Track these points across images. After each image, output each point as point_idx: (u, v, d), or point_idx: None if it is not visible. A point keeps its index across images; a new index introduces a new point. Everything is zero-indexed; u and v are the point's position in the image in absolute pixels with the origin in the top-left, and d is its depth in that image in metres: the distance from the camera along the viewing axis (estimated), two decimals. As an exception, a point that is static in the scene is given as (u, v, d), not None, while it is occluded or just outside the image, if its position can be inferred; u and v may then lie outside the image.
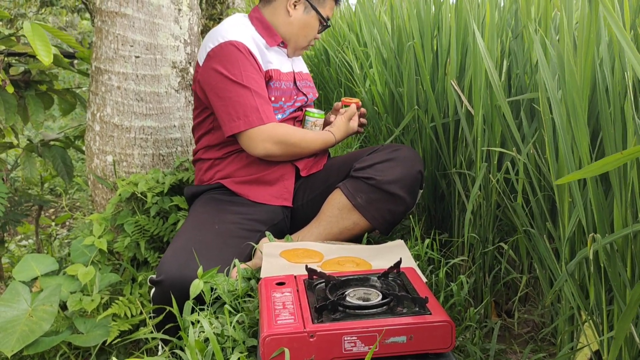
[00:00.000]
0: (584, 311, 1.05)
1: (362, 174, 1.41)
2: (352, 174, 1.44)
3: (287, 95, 1.55)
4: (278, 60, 1.54)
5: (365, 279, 1.04)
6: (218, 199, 1.49)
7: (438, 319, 0.89)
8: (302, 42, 1.57)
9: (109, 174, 1.76)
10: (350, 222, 1.42)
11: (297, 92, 1.58)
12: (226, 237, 1.35)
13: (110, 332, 1.39)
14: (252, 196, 1.49)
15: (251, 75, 1.43)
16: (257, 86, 1.43)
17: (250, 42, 1.47)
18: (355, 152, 1.61)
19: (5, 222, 1.95)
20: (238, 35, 1.46)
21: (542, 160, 1.20)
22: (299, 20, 1.53)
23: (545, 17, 1.26)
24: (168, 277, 1.21)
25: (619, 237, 0.90)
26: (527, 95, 1.28)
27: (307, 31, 1.56)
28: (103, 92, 1.72)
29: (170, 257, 1.26)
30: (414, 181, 1.41)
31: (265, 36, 1.53)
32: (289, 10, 1.52)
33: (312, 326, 0.87)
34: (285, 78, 1.55)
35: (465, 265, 1.54)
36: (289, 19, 1.53)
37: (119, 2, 1.67)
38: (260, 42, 1.51)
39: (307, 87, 1.64)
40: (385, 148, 1.48)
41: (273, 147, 1.43)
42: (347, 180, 1.44)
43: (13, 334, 1.29)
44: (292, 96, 1.56)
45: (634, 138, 0.87)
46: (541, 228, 1.22)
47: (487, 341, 1.33)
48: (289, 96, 1.55)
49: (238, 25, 1.50)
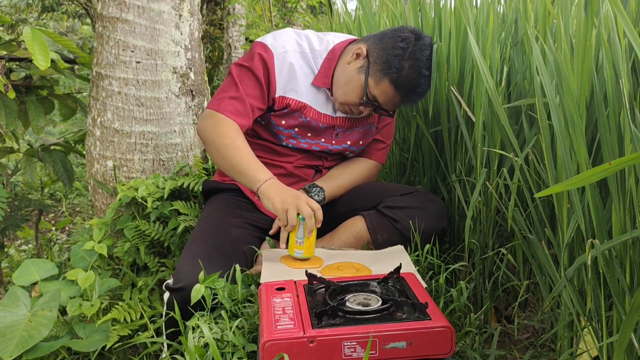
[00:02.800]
0: (583, 317, 1.05)
1: (390, 213, 1.41)
2: (381, 209, 1.43)
3: (315, 132, 1.50)
4: (314, 98, 1.47)
5: (365, 285, 1.04)
6: (235, 202, 1.50)
7: (438, 324, 0.89)
8: (339, 96, 1.44)
9: (109, 179, 1.76)
10: None
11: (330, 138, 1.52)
12: (243, 244, 1.35)
13: (110, 337, 1.40)
14: (262, 207, 1.50)
15: (249, 79, 1.43)
16: (246, 88, 1.42)
17: (289, 58, 1.42)
18: (389, 185, 1.59)
19: (5, 226, 1.95)
20: (280, 44, 1.42)
21: (541, 166, 1.21)
22: (349, 73, 1.41)
23: (544, 24, 1.27)
24: (190, 284, 1.18)
25: (617, 243, 0.90)
26: (523, 101, 1.28)
27: (347, 90, 1.41)
28: (104, 97, 1.73)
29: (189, 264, 1.25)
30: (436, 237, 1.41)
31: (321, 73, 1.45)
32: (350, 58, 1.42)
33: (312, 331, 0.87)
34: (317, 117, 1.48)
35: (465, 271, 1.54)
36: (346, 65, 1.43)
37: (120, 8, 1.68)
38: (307, 69, 1.46)
39: (350, 136, 1.54)
40: (420, 195, 1.47)
41: (203, 127, 1.41)
42: (373, 213, 1.43)
43: (12, 339, 1.29)
44: (320, 136, 1.51)
45: (630, 146, 0.87)
46: (540, 234, 1.23)
47: (487, 347, 1.33)
48: (317, 135, 1.50)
49: (296, 43, 1.45)
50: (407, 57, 1.36)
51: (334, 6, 3.84)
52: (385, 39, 1.40)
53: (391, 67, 1.36)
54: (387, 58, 1.36)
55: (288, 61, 1.42)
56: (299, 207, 1.23)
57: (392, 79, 1.36)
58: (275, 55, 1.42)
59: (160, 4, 1.72)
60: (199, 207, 1.73)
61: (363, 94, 1.39)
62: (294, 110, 1.45)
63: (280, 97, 1.44)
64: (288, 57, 1.43)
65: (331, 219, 1.48)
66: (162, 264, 1.68)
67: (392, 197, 1.45)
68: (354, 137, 1.55)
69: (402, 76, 1.36)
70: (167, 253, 1.74)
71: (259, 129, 1.52)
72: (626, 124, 0.86)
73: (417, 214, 1.40)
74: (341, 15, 2.89)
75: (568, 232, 1.06)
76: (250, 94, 1.42)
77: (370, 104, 1.41)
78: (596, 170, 0.65)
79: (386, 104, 1.42)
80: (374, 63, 1.38)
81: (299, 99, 1.45)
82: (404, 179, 1.87)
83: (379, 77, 1.37)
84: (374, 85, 1.38)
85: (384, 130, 1.61)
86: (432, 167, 1.71)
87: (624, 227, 0.92)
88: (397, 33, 1.40)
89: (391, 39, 1.39)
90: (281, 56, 1.42)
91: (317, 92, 1.47)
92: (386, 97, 1.40)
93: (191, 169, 1.81)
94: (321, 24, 3.73)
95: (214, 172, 1.80)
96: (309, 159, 1.54)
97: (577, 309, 1.05)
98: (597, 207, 0.95)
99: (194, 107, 1.85)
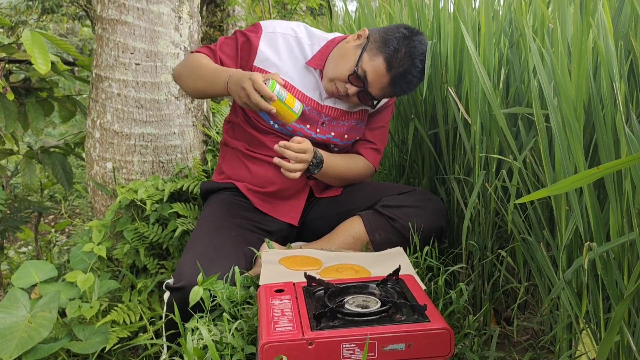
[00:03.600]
0: (581, 319, 1.05)
1: (388, 212, 1.41)
2: (378, 209, 1.43)
3: (301, 116, 1.48)
4: (302, 80, 1.49)
5: (364, 286, 1.04)
6: (234, 202, 1.50)
7: (437, 326, 0.89)
8: (329, 71, 1.45)
9: (109, 181, 1.76)
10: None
11: (315, 123, 1.51)
12: (242, 244, 1.36)
13: (109, 339, 1.39)
14: (261, 207, 1.51)
15: (229, 44, 1.50)
16: (222, 46, 1.51)
17: (277, 37, 1.48)
18: (387, 185, 1.59)
19: (4, 228, 1.95)
20: (272, 25, 1.49)
21: (539, 168, 1.21)
22: (346, 49, 1.44)
23: (541, 26, 1.27)
24: (190, 284, 1.19)
25: (615, 246, 0.90)
26: (522, 109, 1.29)
27: (340, 63, 1.43)
28: (103, 99, 1.73)
29: (190, 263, 1.25)
30: (434, 236, 1.41)
31: (316, 57, 1.49)
32: (351, 38, 1.47)
33: (311, 333, 0.87)
34: (302, 99, 1.48)
35: (464, 272, 1.54)
36: (345, 44, 1.46)
37: (119, 10, 1.68)
38: (297, 53, 1.49)
39: (335, 127, 1.54)
40: (417, 194, 1.48)
41: (177, 69, 1.51)
42: (370, 213, 1.43)
43: (12, 340, 1.29)
44: (306, 122, 1.50)
45: (625, 148, 0.87)
46: (539, 236, 1.23)
47: (486, 349, 1.33)
48: (302, 120, 1.50)
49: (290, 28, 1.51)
50: (405, 43, 1.40)
51: (333, 8, 3.85)
52: (389, 28, 1.46)
53: (389, 46, 1.40)
54: (387, 38, 1.41)
55: (275, 41, 1.47)
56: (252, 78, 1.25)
57: (386, 56, 1.39)
58: (264, 33, 1.48)
59: (160, 6, 1.73)
60: (199, 209, 1.73)
61: (354, 66, 1.40)
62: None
63: (257, 67, 1.47)
64: (277, 36, 1.48)
65: (329, 220, 1.48)
66: (162, 266, 1.69)
67: (389, 196, 1.46)
68: (340, 129, 1.54)
69: (397, 57, 1.40)
70: (166, 255, 1.74)
71: (248, 112, 1.52)
72: (620, 127, 0.86)
73: (414, 212, 1.41)
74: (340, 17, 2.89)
75: (566, 234, 1.06)
76: (223, 50, 1.49)
77: (358, 79, 1.41)
78: (585, 174, 0.65)
79: (374, 83, 1.42)
80: (373, 42, 1.42)
81: (282, 77, 1.46)
82: (402, 180, 1.87)
83: (374, 52, 1.41)
84: (367, 60, 1.40)
85: (376, 132, 1.61)
86: (430, 168, 1.71)
87: (622, 230, 0.92)
88: (402, 25, 1.47)
89: (394, 27, 1.45)
90: (269, 35, 1.48)
91: (306, 76, 1.49)
92: (376, 74, 1.40)
93: (190, 170, 1.81)
94: (321, 25, 3.74)
95: (213, 173, 1.80)
96: None
97: (575, 311, 1.05)
98: (595, 210, 0.95)
99: (193, 109, 1.85)
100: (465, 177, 1.51)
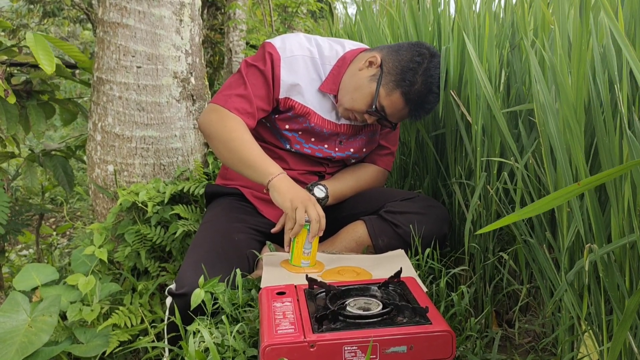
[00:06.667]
0: (583, 321, 1.05)
1: (391, 218, 1.41)
2: (382, 214, 1.43)
3: (318, 137, 1.50)
4: (319, 103, 1.47)
5: (366, 289, 1.04)
6: (237, 207, 1.50)
7: (438, 328, 0.89)
8: (345, 102, 1.42)
9: (110, 184, 1.76)
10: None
11: (334, 144, 1.52)
12: (245, 249, 1.36)
13: (110, 342, 1.39)
14: (266, 213, 1.51)
15: (257, 79, 1.43)
16: (254, 87, 1.42)
17: (296, 62, 1.42)
18: (391, 191, 1.59)
19: (6, 231, 1.95)
20: (289, 48, 1.42)
21: (541, 170, 1.21)
22: (359, 80, 1.40)
23: (542, 28, 1.27)
24: (192, 290, 1.18)
25: (616, 247, 0.90)
26: (522, 106, 1.29)
27: (356, 96, 1.40)
28: (104, 102, 1.73)
29: (192, 269, 1.24)
30: (437, 243, 1.41)
31: (329, 80, 1.45)
32: (362, 65, 1.42)
33: (313, 336, 0.87)
34: (322, 123, 1.48)
35: (465, 275, 1.54)
36: (357, 72, 1.42)
37: (121, 13, 1.69)
38: (314, 75, 1.45)
39: (353, 144, 1.54)
40: (422, 200, 1.47)
41: (207, 120, 1.40)
42: (374, 218, 1.43)
43: (12, 345, 1.28)
44: (324, 142, 1.51)
45: (626, 151, 0.87)
46: (541, 238, 1.23)
47: (487, 351, 1.32)
48: (321, 140, 1.50)
49: (306, 48, 1.45)
50: (421, 72, 1.38)
51: (334, 11, 3.85)
52: (401, 52, 1.41)
53: (405, 80, 1.37)
54: (402, 70, 1.38)
55: (295, 65, 1.43)
56: (307, 208, 1.23)
57: (404, 91, 1.37)
58: (282, 58, 1.42)
59: (161, 9, 1.73)
60: (200, 211, 1.73)
61: (372, 102, 1.39)
62: (298, 114, 1.46)
63: (284, 99, 1.44)
64: (295, 61, 1.43)
65: (332, 224, 1.48)
66: (163, 269, 1.69)
67: (393, 202, 1.45)
68: (358, 144, 1.55)
69: (413, 90, 1.38)
70: (167, 257, 1.74)
71: (263, 131, 1.52)
72: (619, 128, 0.86)
73: (418, 219, 1.40)
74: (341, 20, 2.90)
75: (568, 236, 1.06)
76: (258, 95, 1.42)
77: (376, 113, 1.40)
78: (568, 189, 0.63)
79: (392, 115, 1.42)
80: (387, 73, 1.39)
81: (304, 104, 1.45)
82: (405, 182, 1.87)
83: (391, 87, 1.38)
84: (384, 95, 1.38)
85: (389, 137, 1.61)
86: (432, 170, 1.71)
87: (623, 232, 0.92)
88: (414, 48, 1.41)
89: (408, 52, 1.40)
90: (288, 60, 1.43)
91: (323, 99, 1.47)
92: (394, 108, 1.40)
93: (192, 173, 1.81)
94: (322, 28, 3.74)
95: (214, 176, 1.81)
96: (311, 164, 1.55)
97: (577, 312, 1.05)
98: (595, 212, 0.95)
99: (194, 111, 1.85)
100: (467, 181, 1.51)
